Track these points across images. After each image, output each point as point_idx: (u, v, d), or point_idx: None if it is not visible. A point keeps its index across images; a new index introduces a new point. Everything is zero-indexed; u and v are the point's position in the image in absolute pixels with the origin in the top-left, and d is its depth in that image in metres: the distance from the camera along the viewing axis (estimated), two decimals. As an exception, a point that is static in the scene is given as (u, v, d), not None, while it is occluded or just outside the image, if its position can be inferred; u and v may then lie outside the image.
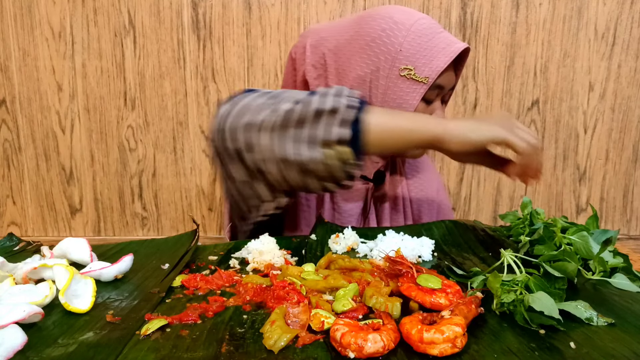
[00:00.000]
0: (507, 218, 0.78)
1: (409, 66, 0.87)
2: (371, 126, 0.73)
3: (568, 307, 0.50)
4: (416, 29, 0.87)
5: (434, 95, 0.89)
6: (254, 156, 0.75)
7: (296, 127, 0.73)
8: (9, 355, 0.43)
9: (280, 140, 0.74)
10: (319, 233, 0.79)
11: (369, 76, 0.87)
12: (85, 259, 0.65)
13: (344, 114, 0.71)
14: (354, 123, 0.71)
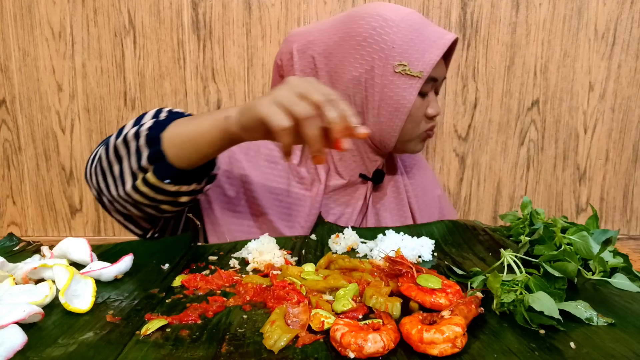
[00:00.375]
0: (507, 218, 0.78)
1: (403, 62, 0.86)
2: (166, 143, 0.70)
3: (568, 307, 0.50)
4: (406, 24, 0.87)
5: (428, 88, 0.91)
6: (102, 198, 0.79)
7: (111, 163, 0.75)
8: (9, 355, 0.43)
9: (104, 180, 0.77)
10: (319, 233, 0.79)
11: (364, 76, 0.87)
12: (85, 259, 0.65)
13: (143, 138, 0.71)
14: (154, 144, 0.70)
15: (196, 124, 0.70)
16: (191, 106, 1.44)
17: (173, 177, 0.71)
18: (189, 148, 0.69)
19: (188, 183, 0.73)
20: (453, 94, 1.46)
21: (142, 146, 0.70)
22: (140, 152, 0.71)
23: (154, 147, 0.70)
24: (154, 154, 0.70)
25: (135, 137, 0.71)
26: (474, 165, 1.51)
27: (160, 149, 0.70)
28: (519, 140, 1.50)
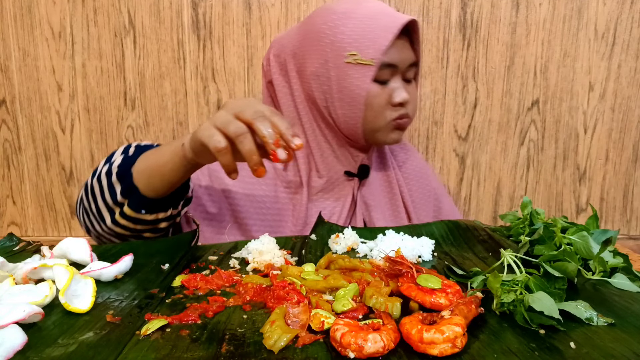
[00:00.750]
0: (507, 218, 0.78)
1: (353, 52, 0.88)
2: (135, 176, 0.75)
3: (568, 307, 0.50)
4: (358, 15, 0.89)
5: (387, 75, 0.89)
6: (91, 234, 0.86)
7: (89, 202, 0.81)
8: (9, 355, 0.43)
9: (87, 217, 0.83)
10: (319, 233, 0.79)
11: (321, 70, 0.90)
12: (85, 259, 0.65)
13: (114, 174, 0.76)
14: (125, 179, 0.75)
15: (158, 155, 0.75)
16: (191, 106, 1.44)
17: (148, 207, 0.76)
18: (155, 178, 0.74)
19: (164, 210, 0.79)
20: (453, 94, 1.46)
21: (115, 182, 0.76)
22: (113, 188, 0.76)
23: (126, 182, 0.75)
24: (126, 188, 0.75)
25: (107, 175, 0.77)
26: (474, 165, 1.51)
27: (131, 183, 0.75)
28: (519, 140, 1.50)
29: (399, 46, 0.89)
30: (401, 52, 0.90)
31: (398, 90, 0.90)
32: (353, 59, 0.88)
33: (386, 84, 0.90)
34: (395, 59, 0.89)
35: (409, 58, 0.91)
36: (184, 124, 1.45)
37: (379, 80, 0.89)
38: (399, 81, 0.91)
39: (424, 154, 1.48)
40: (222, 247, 0.75)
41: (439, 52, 1.43)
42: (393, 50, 0.88)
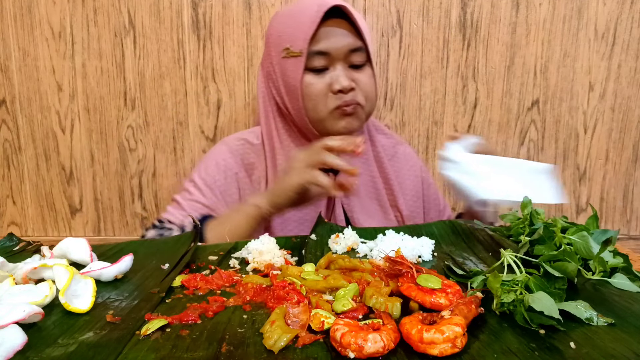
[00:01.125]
0: (507, 218, 0.78)
1: (286, 46, 0.92)
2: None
3: (568, 307, 0.50)
4: (289, 11, 0.94)
5: (323, 63, 0.91)
6: None
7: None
8: (9, 355, 0.43)
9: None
10: (319, 233, 0.79)
11: (270, 69, 0.97)
12: (85, 259, 0.65)
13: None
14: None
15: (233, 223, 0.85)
16: (191, 106, 1.44)
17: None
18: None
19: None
20: (453, 94, 1.46)
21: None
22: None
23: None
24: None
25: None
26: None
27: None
28: (519, 140, 1.50)
29: (332, 33, 0.90)
30: (334, 38, 0.91)
31: (337, 77, 0.91)
32: (287, 53, 0.92)
33: (324, 72, 0.92)
34: (327, 46, 0.90)
35: (345, 44, 0.91)
36: (184, 124, 1.45)
37: (315, 69, 0.92)
38: (340, 68, 0.92)
39: (423, 154, 1.48)
40: (222, 247, 0.75)
41: (439, 52, 1.43)
42: (324, 38, 0.90)
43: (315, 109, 0.94)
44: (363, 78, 0.94)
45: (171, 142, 1.46)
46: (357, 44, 0.92)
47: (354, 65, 0.93)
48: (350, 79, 0.93)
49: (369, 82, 0.96)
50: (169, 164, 1.47)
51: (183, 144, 1.46)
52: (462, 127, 1.49)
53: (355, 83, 0.94)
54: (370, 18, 1.38)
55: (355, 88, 0.94)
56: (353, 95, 0.93)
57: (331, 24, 0.91)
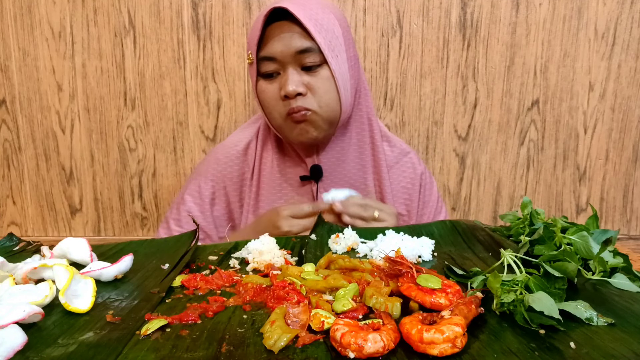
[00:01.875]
0: (507, 218, 0.78)
1: (248, 53, 0.91)
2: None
3: (568, 307, 0.50)
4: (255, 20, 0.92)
5: (272, 68, 0.89)
6: None
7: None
8: (9, 355, 0.43)
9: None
10: (319, 233, 0.79)
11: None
12: (85, 259, 0.65)
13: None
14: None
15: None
16: (191, 106, 1.44)
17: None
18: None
19: None
20: (453, 94, 1.46)
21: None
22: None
23: None
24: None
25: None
26: (474, 165, 1.51)
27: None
28: (519, 140, 1.50)
29: (276, 37, 0.87)
30: (279, 42, 0.87)
31: (284, 83, 0.88)
32: (248, 60, 0.92)
33: (275, 77, 0.90)
34: (272, 50, 0.88)
35: (291, 46, 0.87)
36: (184, 124, 1.45)
37: (266, 75, 0.90)
38: (290, 72, 0.88)
39: (424, 154, 1.48)
40: (222, 247, 0.75)
41: (439, 52, 1.43)
42: (269, 43, 0.88)
43: (271, 116, 0.93)
44: (316, 81, 0.89)
45: (171, 142, 1.46)
46: (305, 45, 0.87)
47: (306, 67, 0.89)
48: (301, 83, 0.88)
49: (325, 85, 0.90)
50: (169, 164, 1.47)
51: (183, 144, 1.46)
52: (462, 127, 1.49)
53: (307, 87, 0.89)
54: (370, 18, 1.38)
55: (306, 93, 0.89)
56: (302, 101, 0.89)
57: (276, 27, 0.88)
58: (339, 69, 0.90)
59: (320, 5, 0.91)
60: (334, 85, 0.90)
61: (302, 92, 0.88)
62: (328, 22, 0.89)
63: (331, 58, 0.88)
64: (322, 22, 0.88)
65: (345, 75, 0.92)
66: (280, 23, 0.88)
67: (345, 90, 0.92)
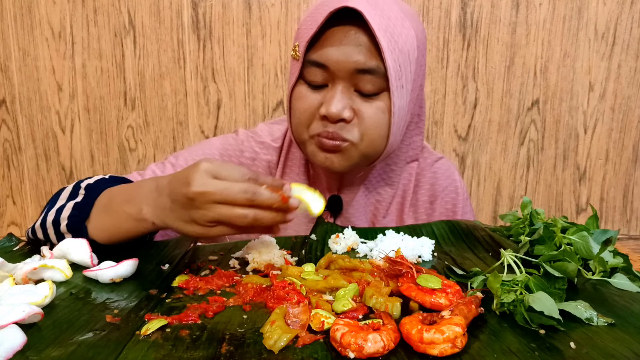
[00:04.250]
0: (507, 218, 0.78)
1: (296, 43, 0.74)
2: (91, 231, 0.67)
3: (568, 307, 0.50)
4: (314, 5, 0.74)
5: (319, 77, 0.72)
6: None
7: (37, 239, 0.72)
8: (9, 356, 0.43)
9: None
10: (319, 233, 0.79)
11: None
12: (85, 260, 0.65)
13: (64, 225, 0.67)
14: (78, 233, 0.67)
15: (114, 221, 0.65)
16: (191, 106, 1.44)
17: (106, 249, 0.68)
18: (116, 237, 0.67)
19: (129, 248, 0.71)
20: (453, 94, 1.46)
21: (65, 233, 0.68)
22: (63, 237, 0.68)
23: (79, 235, 0.67)
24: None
25: (55, 224, 0.68)
26: (474, 165, 1.51)
27: (87, 237, 0.67)
28: (519, 140, 1.50)
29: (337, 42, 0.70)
30: (337, 50, 0.70)
31: (329, 99, 0.71)
32: (293, 53, 0.74)
33: (321, 88, 0.73)
34: (325, 57, 0.70)
35: (353, 61, 0.69)
36: (184, 124, 1.45)
37: (311, 83, 0.73)
38: (339, 89, 0.71)
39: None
40: (222, 247, 0.75)
41: (439, 52, 1.43)
42: (326, 47, 0.70)
43: (297, 128, 0.77)
44: (368, 110, 0.72)
45: (171, 142, 1.46)
46: (370, 65, 0.70)
47: (362, 92, 0.72)
48: (350, 107, 0.72)
49: (377, 117, 0.73)
50: (169, 164, 1.47)
51: (183, 144, 1.46)
52: (462, 127, 1.49)
53: (354, 114, 0.73)
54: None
55: (351, 120, 0.73)
56: (342, 128, 0.72)
57: (340, 31, 0.70)
58: (399, 102, 0.73)
59: (401, 15, 0.72)
60: (387, 119, 0.74)
61: (347, 117, 0.72)
62: (405, 41, 0.72)
63: (395, 88, 0.71)
64: (399, 39, 0.71)
65: (404, 110, 0.75)
66: (346, 27, 0.70)
67: (398, 128, 0.76)
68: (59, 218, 0.69)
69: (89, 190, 0.70)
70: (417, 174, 0.90)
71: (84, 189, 0.71)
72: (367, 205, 0.88)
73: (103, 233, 0.67)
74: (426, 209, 0.91)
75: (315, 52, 0.71)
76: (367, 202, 0.88)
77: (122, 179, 0.75)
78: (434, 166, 0.92)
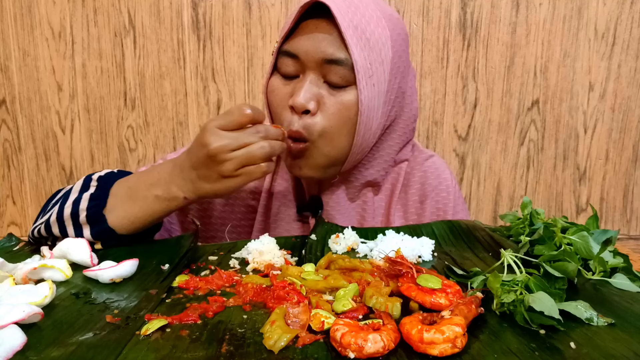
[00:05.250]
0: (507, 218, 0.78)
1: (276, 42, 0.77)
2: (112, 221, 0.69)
3: (568, 307, 0.50)
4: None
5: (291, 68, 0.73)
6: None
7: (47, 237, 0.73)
8: (9, 356, 0.43)
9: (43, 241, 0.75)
10: (319, 233, 0.79)
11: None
12: (85, 260, 0.65)
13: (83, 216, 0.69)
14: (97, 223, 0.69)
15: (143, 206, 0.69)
16: (191, 106, 1.44)
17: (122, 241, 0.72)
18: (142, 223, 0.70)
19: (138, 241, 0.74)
20: (453, 94, 1.46)
21: (83, 224, 0.70)
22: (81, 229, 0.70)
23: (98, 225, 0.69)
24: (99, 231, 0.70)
25: (73, 216, 0.70)
26: (474, 165, 1.51)
27: (106, 226, 0.69)
28: (519, 140, 1.50)
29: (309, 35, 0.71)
30: (307, 41, 0.71)
31: (297, 90, 0.72)
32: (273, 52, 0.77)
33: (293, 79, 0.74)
34: (296, 47, 0.72)
35: (321, 50, 0.70)
36: (184, 124, 1.45)
37: (284, 74, 0.75)
38: (307, 80, 0.72)
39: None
40: (222, 247, 0.75)
41: (439, 52, 1.43)
42: (299, 38, 0.72)
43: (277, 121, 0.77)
44: (332, 101, 0.72)
45: (171, 142, 1.47)
46: (338, 55, 0.70)
47: (330, 83, 0.72)
48: (315, 97, 0.72)
49: (341, 111, 0.72)
50: (169, 164, 1.47)
51: (183, 144, 1.46)
52: (462, 127, 1.49)
53: (318, 104, 0.72)
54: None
55: (315, 111, 0.72)
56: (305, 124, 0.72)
57: (312, 24, 0.72)
58: (368, 99, 0.72)
59: (378, 14, 0.73)
60: (352, 115, 0.73)
61: (311, 109, 0.71)
62: (377, 40, 0.72)
63: (364, 83, 0.71)
64: (371, 37, 0.71)
65: (375, 111, 0.74)
66: (318, 20, 0.72)
67: (365, 129, 0.74)
68: (77, 210, 0.70)
69: (102, 182, 0.72)
70: (406, 173, 0.89)
71: (96, 180, 0.73)
72: (354, 208, 0.87)
73: (128, 221, 0.70)
74: (417, 209, 0.90)
75: (288, 42, 0.73)
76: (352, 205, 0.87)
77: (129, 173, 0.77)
78: (424, 165, 0.90)
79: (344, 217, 0.85)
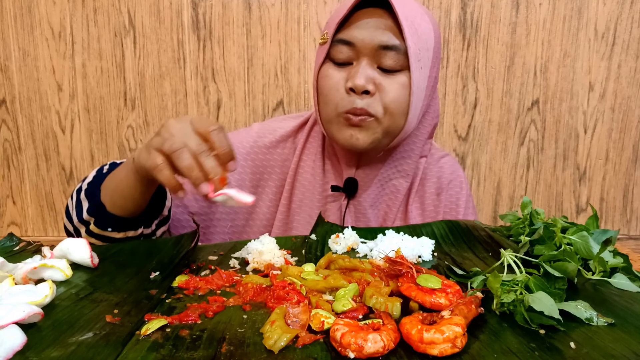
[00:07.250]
0: (507, 218, 0.78)
1: (324, 32, 0.82)
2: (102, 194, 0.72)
3: (568, 307, 0.50)
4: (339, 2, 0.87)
5: (345, 55, 0.79)
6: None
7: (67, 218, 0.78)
8: (9, 356, 0.43)
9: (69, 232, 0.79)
10: (319, 233, 0.79)
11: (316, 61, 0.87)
12: (85, 259, 0.65)
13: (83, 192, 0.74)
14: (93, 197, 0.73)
15: (117, 172, 0.72)
16: (191, 106, 1.44)
17: (115, 225, 0.73)
18: (117, 195, 0.71)
19: (134, 229, 0.75)
20: (453, 94, 1.46)
21: (83, 199, 0.74)
22: (81, 206, 0.74)
23: (94, 200, 0.73)
24: (93, 206, 0.72)
25: (77, 192, 0.75)
26: (474, 165, 1.51)
27: (99, 201, 0.72)
28: (519, 140, 1.50)
29: (363, 23, 0.78)
30: (363, 29, 0.77)
31: (354, 74, 0.77)
32: (321, 39, 0.82)
33: (346, 66, 0.80)
34: (352, 35, 0.78)
35: (377, 38, 0.77)
36: (184, 124, 1.45)
37: (336, 61, 0.80)
38: (362, 65, 0.78)
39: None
40: (222, 247, 0.75)
41: (439, 52, 1.43)
42: (352, 27, 0.78)
43: (325, 107, 0.82)
44: (390, 84, 0.79)
45: (171, 142, 1.47)
46: (392, 42, 0.77)
47: (384, 68, 0.79)
48: (373, 80, 0.78)
49: (398, 91, 0.79)
50: (169, 164, 1.47)
51: (183, 144, 1.47)
52: (462, 127, 1.49)
53: (377, 87, 0.79)
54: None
55: (374, 93, 0.78)
56: (367, 102, 0.78)
57: (366, 13, 0.78)
58: (418, 81, 0.80)
59: (421, 10, 0.82)
60: (407, 95, 0.80)
61: (371, 90, 0.77)
62: (424, 31, 0.80)
63: (415, 67, 0.79)
64: (419, 28, 0.79)
65: (422, 91, 0.82)
66: (372, 10, 0.78)
67: (415, 107, 0.82)
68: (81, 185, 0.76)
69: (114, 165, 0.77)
70: (424, 167, 0.95)
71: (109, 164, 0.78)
72: (382, 196, 0.92)
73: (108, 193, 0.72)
74: (433, 200, 0.95)
75: (343, 31, 0.79)
76: (381, 192, 0.92)
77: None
78: (440, 162, 0.98)
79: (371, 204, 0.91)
